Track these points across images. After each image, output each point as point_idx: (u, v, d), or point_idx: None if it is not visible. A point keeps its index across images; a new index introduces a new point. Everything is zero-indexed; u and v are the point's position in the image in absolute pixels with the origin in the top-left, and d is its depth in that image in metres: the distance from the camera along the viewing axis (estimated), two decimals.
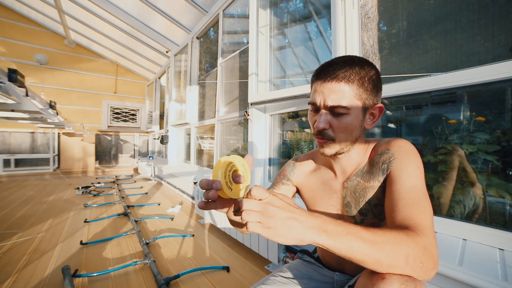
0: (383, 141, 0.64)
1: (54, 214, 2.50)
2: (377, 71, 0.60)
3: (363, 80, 0.56)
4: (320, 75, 0.58)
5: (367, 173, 0.62)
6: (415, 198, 0.51)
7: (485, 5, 1.03)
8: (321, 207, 0.70)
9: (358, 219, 0.63)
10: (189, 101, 3.63)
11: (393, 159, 0.57)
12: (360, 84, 0.56)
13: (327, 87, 0.57)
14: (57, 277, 1.34)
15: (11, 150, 5.14)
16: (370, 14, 1.38)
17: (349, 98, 0.56)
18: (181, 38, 3.96)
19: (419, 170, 0.55)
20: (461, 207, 1.05)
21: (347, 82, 0.55)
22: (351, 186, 0.64)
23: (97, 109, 6.17)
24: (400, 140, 0.60)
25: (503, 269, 0.75)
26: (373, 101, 0.59)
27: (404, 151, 0.57)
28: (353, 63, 0.57)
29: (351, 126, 0.58)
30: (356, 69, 0.56)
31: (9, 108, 2.43)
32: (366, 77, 0.56)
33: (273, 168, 2.10)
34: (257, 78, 2.06)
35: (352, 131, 0.59)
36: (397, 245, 0.39)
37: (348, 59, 0.58)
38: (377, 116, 0.62)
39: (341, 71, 0.55)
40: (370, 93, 0.57)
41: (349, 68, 0.56)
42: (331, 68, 0.57)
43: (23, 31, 5.26)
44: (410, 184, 0.53)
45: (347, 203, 0.65)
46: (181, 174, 3.38)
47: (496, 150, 0.98)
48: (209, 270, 1.45)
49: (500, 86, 0.95)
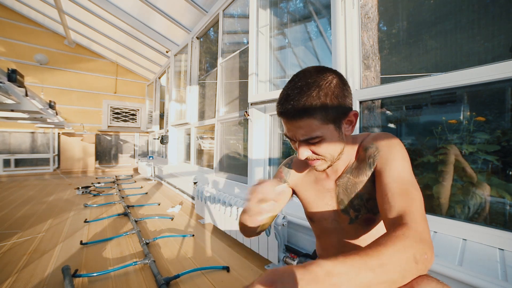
0: (369, 136, 0.64)
1: (54, 214, 2.50)
2: (338, 76, 0.57)
3: (325, 103, 0.53)
4: (282, 114, 0.56)
5: (355, 169, 0.64)
6: (402, 188, 0.52)
7: (485, 5, 1.03)
8: (317, 207, 0.72)
9: (353, 215, 0.65)
10: (189, 101, 3.63)
11: (377, 152, 0.59)
12: (324, 108, 0.53)
13: (293, 125, 0.56)
14: (57, 277, 1.34)
15: (11, 150, 5.14)
16: (370, 14, 1.38)
17: (318, 126, 0.54)
18: (181, 38, 3.96)
19: (404, 160, 0.56)
20: (461, 207, 1.05)
21: (310, 116, 0.53)
22: (343, 183, 0.66)
23: (97, 109, 6.17)
24: (384, 134, 0.62)
25: (503, 269, 0.75)
26: (344, 111, 0.57)
27: (387, 144, 0.59)
28: (309, 87, 0.53)
29: (332, 146, 0.58)
30: (314, 94, 0.52)
31: (9, 108, 2.43)
32: (327, 96, 0.53)
33: (273, 168, 2.10)
34: (257, 78, 2.06)
35: (335, 149, 0.59)
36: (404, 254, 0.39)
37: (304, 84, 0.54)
38: (354, 121, 0.60)
39: (300, 106, 0.53)
40: (338, 108, 0.55)
41: (307, 98, 0.52)
42: (288, 105, 0.54)
43: (23, 31, 5.26)
44: (396, 174, 0.54)
45: (341, 201, 0.66)
46: (181, 174, 3.38)
47: (496, 150, 0.98)
48: (209, 270, 1.45)
49: (500, 86, 0.95)
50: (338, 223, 0.69)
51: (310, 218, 0.77)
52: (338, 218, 0.69)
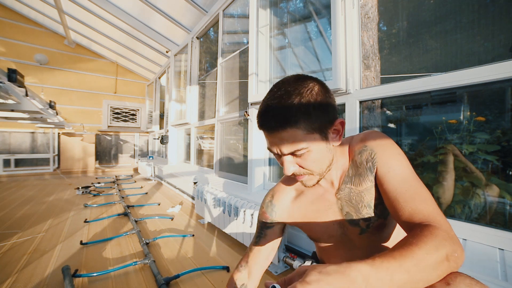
0: (356, 138, 0.62)
1: (54, 214, 2.50)
2: (319, 84, 0.54)
3: (308, 112, 0.50)
4: (263, 126, 0.53)
5: (355, 176, 0.60)
6: (412, 189, 0.51)
7: (485, 5, 1.04)
8: (320, 227, 0.66)
9: (363, 225, 0.61)
10: (189, 101, 3.63)
11: (374, 154, 0.57)
12: (307, 117, 0.50)
13: (275, 138, 0.52)
14: (57, 277, 1.34)
15: (11, 150, 5.14)
16: (370, 14, 1.38)
17: (303, 137, 0.51)
18: (181, 38, 3.96)
19: (402, 158, 0.55)
20: (461, 207, 1.05)
21: (293, 125, 0.50)
22: (345, 196, 0.62)
23: (97, 109, 6.17)
24: (372, 133, 0.60)
25: (503, 269, 0.75)
26: (329, 119, 0.54)
27: (380, 143, 0.57)
28: (289, 95, 0.50)
29: (319, 157, 0.55)
30: (295, 102, 0.50)
31: (9, 108, 2.43)
32: (310, 105, 0.50)
33: (273, 168, 2.10)
34: (257, 78, 2.06)
35: (323, 160, 0.56)
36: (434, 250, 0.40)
37: (283, 93, 0.51)
38: (341, 130, 0.56)
39: (281, 117, 0.50)
40: (322, 117, 0.52)
41: (288, 108, 0.49)
42: (269, 116, 0.51)
43: (23, 31, 5.26)
44: (401, 176, 0.53)
45: (347, 213, 0.62)
46: (181, 174, 3.37)
47: (496, 150, 0.98)
48: (209, 270, 1.45)
49: (500, 86, 0.95)
50: (346, 236, 0.65)
51: (315, 240, 0.71)
52: (346, 232, 0.64)
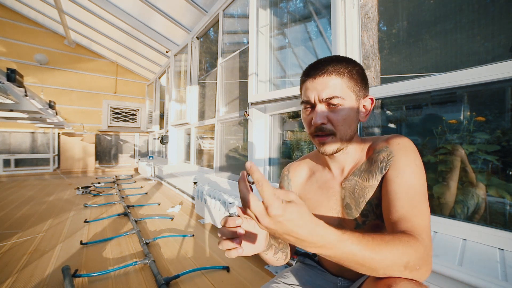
0: (381, 138, 0.62)
1: (54, 214, 2.50)
2: (362, 68, 0.63)
3: (351, 73, 0.59)
4: (310, 72, 0.60)
5: (365, 172, 0.61)
6: (413, 199, 0.50)
7: (485, 5, 1.03)
8: (321, 212, 0.68)
9: (360, 220, 0.61)
10: (189, 101, 3.63)
11: (391, 157, 0.56)
12: (350, 76, 0.58)
13: (319, 82, 0.58)
14: (57, 277, 1.34)
15: (11, 150, 5.14)
16: (370, 14, 1.38)
17: (342, 89, 0.58)
18: (181, 38, 3.95)
19: (418, 168, 0.53)
20: (461, 207, 1.05)
21: (338, 75, 0.58)
22: (350, 186, 0.62)
23: (97, 109, 6.17)
24: (399, 137, 0.58)
25: (503, 269, 0.75)
26: (364, 93, 0.61)
27: (402, 149, 0.56)
28: (339, 60, 0.60)
29: (348, 117, 0.58)
30: (344, 63, 0.59)
31: (8, 108, 2.43)
32: (353, 70, 0.59)
33: (273, 168, 2.10)
34: (257, 78, 2.06)
35: (350, 123, 0.59)
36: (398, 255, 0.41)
37: (334, 57, 0.61)
38: (369, 108, 0.63)
39: (330, 66, 0.58)
40: (360, 85, 0.60)
41: (337, 63, 0.59)
42: (320, 65, 0.59)
43: (23, 31, 5.26)
44: (409, 183, 0.52)
45: (347, 205, 0.63)
46: (181, 174, 3.37)
47: (496, 150, 0.98)
48: (209, 270, 1.45)
49: (500, 86, 0.95)
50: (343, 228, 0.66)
51: None
52: (342, 223, 0.65)
